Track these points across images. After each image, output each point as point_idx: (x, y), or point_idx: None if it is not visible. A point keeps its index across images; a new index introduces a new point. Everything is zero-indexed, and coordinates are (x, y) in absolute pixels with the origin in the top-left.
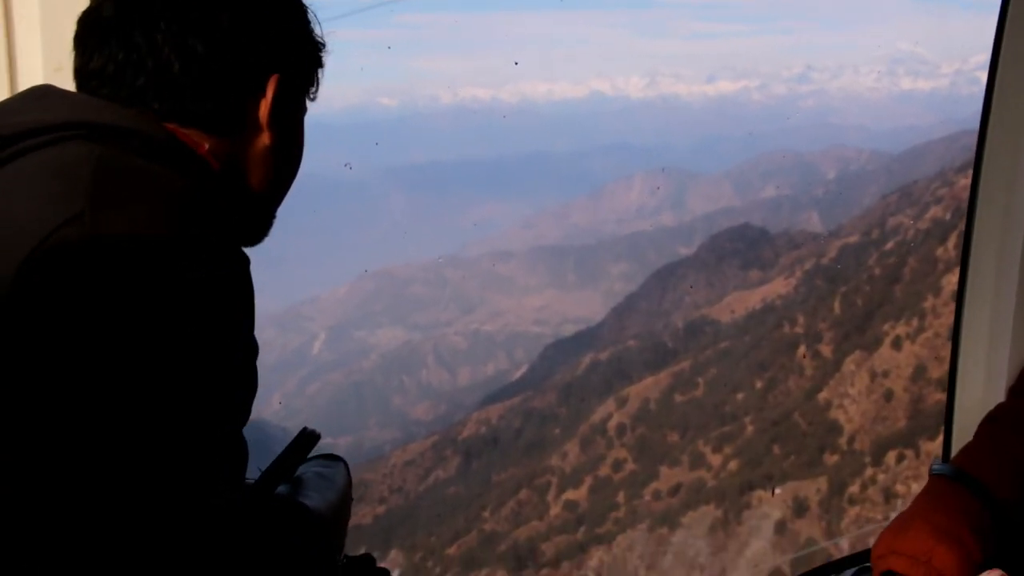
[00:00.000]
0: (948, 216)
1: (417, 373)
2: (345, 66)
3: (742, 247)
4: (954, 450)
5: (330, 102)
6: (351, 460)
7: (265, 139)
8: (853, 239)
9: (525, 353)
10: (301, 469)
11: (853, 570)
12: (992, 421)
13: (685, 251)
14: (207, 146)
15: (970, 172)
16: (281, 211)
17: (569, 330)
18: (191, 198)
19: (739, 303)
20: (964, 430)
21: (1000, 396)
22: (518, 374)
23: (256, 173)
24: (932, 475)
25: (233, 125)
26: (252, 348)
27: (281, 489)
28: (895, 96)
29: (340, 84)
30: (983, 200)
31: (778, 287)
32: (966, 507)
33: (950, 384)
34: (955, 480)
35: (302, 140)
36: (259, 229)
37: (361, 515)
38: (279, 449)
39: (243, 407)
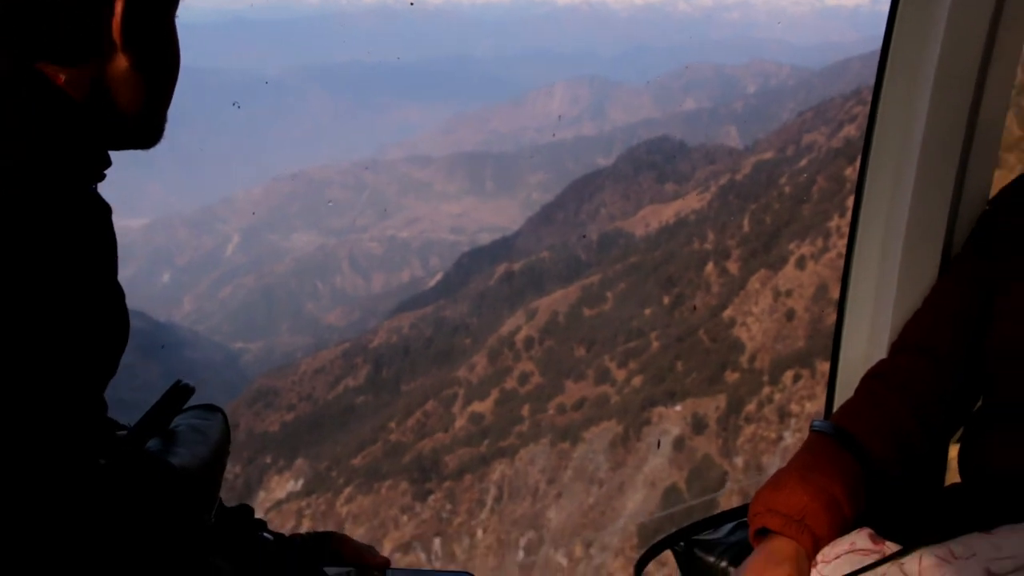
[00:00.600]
0: (859, 135)
1: (331, 278)
2: None
3: (659, 160)
4: (836, 406)
5: None
6: (262, 366)
7: (123, 60)
8: (768, 155)
9: (440, 261)
10: (176, 420)
11: (731, 524)
12: (873, 378)
13: (604, 162)
14: (63, 78)
15: None
16: (196, 108)
17: (485, 239)
18: (32, 136)
19: (653, 216)
20: (847, 387)
21: (883, 352)
22: (432, 282)
23: (124, 96)
24: (812, 431)
25: (87, 51)
26: (112, 294)
27: (152, 444)
28: (819, 12)
29: None
30: (872, 166)
31: (692, 202)
32: (842, 465)
33: (835, 340)
34: (833, 437)
35: (174, 49)
36: (148, 137)
37: (269, 422)
38: (188, 352)
39: (104, 360)
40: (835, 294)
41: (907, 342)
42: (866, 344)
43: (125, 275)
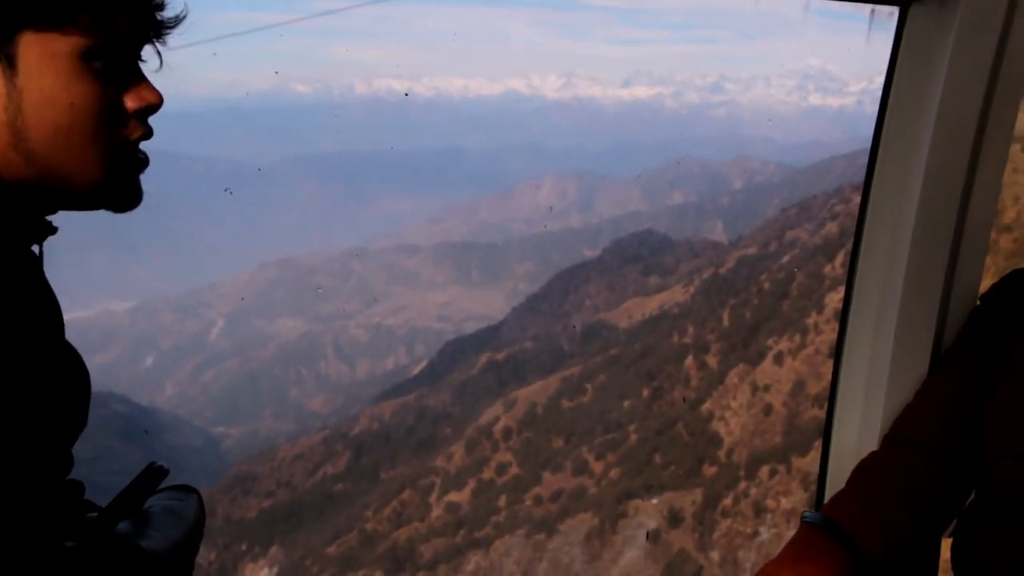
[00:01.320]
0: (839, 233)
1: (316, 365)
2: (259, 51)
3: (645, 252)
4: (827, 498)
5: (243, 86)
6: (243, 451)
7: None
8: (751, 251)
9: (426, 348)
10: (151, 501)
11: None
12: (863, 471)
13: (590, 253)
14: None
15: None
16: (185, 194)
17: (471, 327)
18: None
19: (637, 308)
20: (837, 478)
21: (874, 444)
22: (417, 370)
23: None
24: (803, 523)
25: None
26: (57, 348)
27: (123, 526)
28: (804, 111)
29: (253, 68)
30: (863, 258)
31: (676, 295)
32: (832, 558)
33: (826, 431)
34: (824, 529)
35: (67, 95)
36: (122, 203)
37: (247, 508)
38: (169, 437)
39: (55, 416)
40: (812, 390)
41: (898, 435)
42: (857, 435)
43: (109, 359)
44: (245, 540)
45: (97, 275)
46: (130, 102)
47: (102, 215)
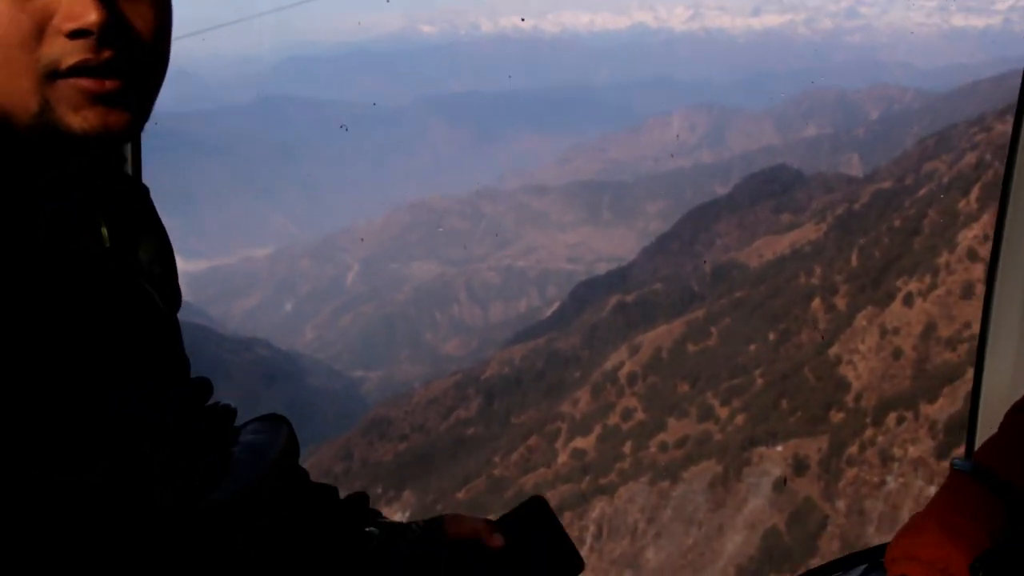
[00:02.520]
0: (975, 165)
1: (449, 308)
2: None
3: (776, 188)
4: (978, 444)
5: (369, 29)
6: (381, 395)
7: None
8: (887, 184)
9: (557, 290)
10: (241, 435)
11: (862, 567)
12: (1018, 412)
13: (722, 190)
14: None
15: (1011, 117)
16: (318, 138)
17: (602, 268)
18: None
19: (768, 247)
20: (989, 422)
21: None
22: (549, 312)
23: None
24: (952, 471)
25: None
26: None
27: (197, 473)
28: (945, 33)
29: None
30: (1018, 176)
31: (808, 233)
32: (986, 508)
33: (976, 374)
34: (976, 477)
35: None
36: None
37: (383, 452)
38: (310, 380)
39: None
40: (943, 333)
41: None
42: (1010, 376)
43: (250, 304)
44: (380, 483)
45: (236, 222)
46: (60, 21)
47: (237, 162)
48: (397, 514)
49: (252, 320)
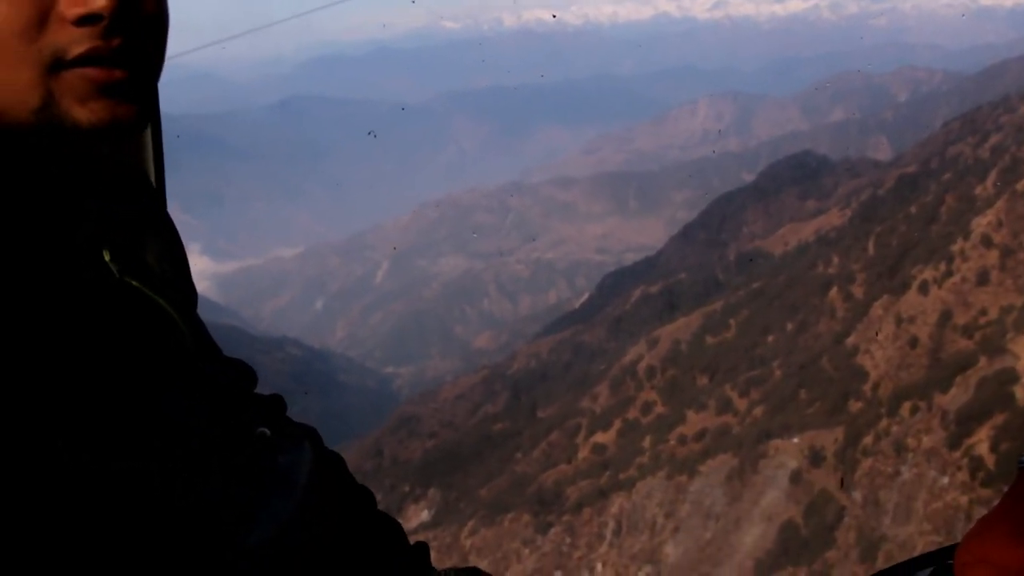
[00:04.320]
0: (991, 149)
1: (479, 302)
2: None
3: (802, 175)
4: None
5: (393, 27)
6: (413, 390)
7: None
8: (911, 169)
9: (587, 282)
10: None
11: (928, 571)
12: None
13: (749, 177)
14: None
15: None
16: (343, 137)
17: (631, 258)
18: None
19: (793, 235)
20: None
21: None
22: (578, 304)
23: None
24: (1021, 468)
25: None
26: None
27: (228, 513)
28: (973, 13)
29: (403, 7)
30: None
31: (833, 219)
32: None
33: None
34: None
35: None
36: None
37: (411, 450)
38: (343, 378)
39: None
40: (959, 320)
41: None
42: None
43: (281, 303)
44: (408, 481)
45: (263, 222)
46: (65, 7)
47: (264, 164)
48: (424, 512)
49: (283, 320)
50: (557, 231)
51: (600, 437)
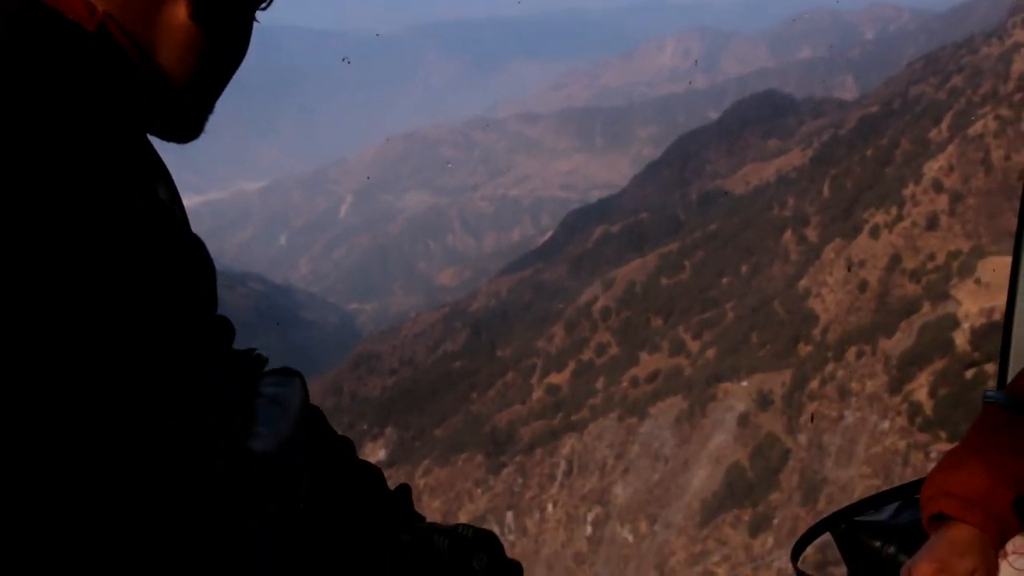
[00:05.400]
0: (948, 91)
1: (443, 238)
2: None
3: (766, 114)
4: (1011, 374)
5: None
6: (377, 327)
7: (182, 7)
8: (874, 109)
9: (551, 219)
10: (256, 390)
11: (894, 505)
12: None
13: (715, 115)
14: (101, 9)
15: (995, 40)
16: (310, 69)
17: (596, 196)
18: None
19: (755, 174)
20: (1022, 354)
21: None
22: (541, 241)
23: (172, 56)
24: (986, 404)
25: None
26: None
27: (231, 424)
28: None
29: None
30: None
31: (794, 159)
32: (1022, 440)
33: (1008, 305)
34: (1010, 409)
35: (246, 28)
36: (185, 126)
37: (371, 387)
38: (305, 314)
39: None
40: (909, 265)
41: None
42: None
43: (244, 238)
44: (367, 419)
45: (229, 155)
46: None
47: (230, 94)
48: (381, 451)
49: (247, 254)
50: (523, 167)
51: (554, 378)
